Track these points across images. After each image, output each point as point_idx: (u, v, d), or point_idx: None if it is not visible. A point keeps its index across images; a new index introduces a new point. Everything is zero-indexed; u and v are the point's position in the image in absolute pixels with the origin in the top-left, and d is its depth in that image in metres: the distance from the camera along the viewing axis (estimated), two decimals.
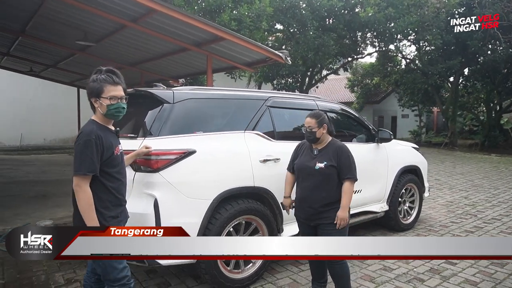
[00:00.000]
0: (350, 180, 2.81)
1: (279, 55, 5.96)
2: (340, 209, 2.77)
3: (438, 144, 19.12)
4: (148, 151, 2.74)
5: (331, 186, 2.82)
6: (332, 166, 2.82)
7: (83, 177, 2.06)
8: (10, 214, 5.12)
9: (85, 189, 2.07)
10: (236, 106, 3.47)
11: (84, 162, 2.06)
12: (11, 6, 5.98)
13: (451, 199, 6.98)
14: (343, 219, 2.76)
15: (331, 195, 2.82)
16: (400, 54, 19.19)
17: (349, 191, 2.80)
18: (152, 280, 3.41)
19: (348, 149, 2.90)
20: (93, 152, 2.07)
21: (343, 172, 2.81)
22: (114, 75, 2.20)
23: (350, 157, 2.85)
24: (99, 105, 2.17)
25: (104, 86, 2.15)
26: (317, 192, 2.83)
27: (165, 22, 5.32)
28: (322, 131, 2.87)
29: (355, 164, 2.88)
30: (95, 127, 2.15)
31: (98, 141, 2.10)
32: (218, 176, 3.06)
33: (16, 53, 9.47)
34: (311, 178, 2.87)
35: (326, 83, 29.13)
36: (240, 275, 3.24)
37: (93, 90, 2.16)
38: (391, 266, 3.78)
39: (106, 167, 2.17)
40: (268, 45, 15.57)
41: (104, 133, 2.18)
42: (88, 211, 2.08)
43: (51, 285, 3.22)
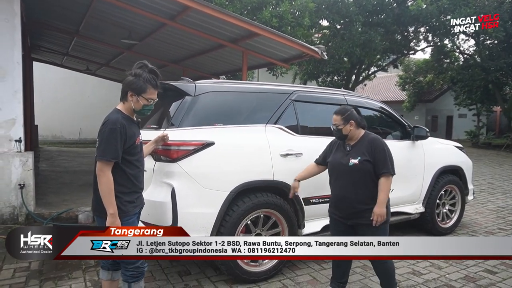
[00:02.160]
0: (386, 175, 2.65)
1: (315, 50, 5.85)
2: (376, 205, 2.63)
3: (498, 146, 17.58)
4: (164, 135, 2.81)
5: (368, 182, 2.69)
6: (366, 161, 2.68)
7: (106, 163, 2.18)
8: (59, 200, 5.57)
9: (107, 174, 2.19)
10: (258, 99, 3.47)
11: (109, 149, 2.17)
12: (65, 8, 6.50)
13: (503, 205, 6.40)
14: (379, 215, 2.61)
15: (369, 193, 2.67)
16: (457, 49, 17.92)
17: (385, 187, 2.65)
18: (174, 268, 3.52)
19: (383, 141, 2.76)
20: (117, 139, 2.18)
21: (378, 167, 2.66)
22: (157, 78, 2.31)
23: (385, 150, 2.69)
24: (135, 101, 2.27)
25: (148, 87, 2.25)
26: (354, 190, 2.71)
27: (200, 19, 5.45)
28: (349, 128, 2.77)
29: (391, 157, 2.72)
30: (120, 116, 2.26)
31: (122, 130, 2.21)
32: (236, 168, 3.08)
33: (73, 53, 10.28)
34: (346, 176, 2.75)
35: (375, 81, 28.08)
36: (257, 268, 3.25)
37: (136, 86, 2.24)
38: (420, 271, 3.57)
39: (127, 155, 2.28)
40: (314, 42, 15.35)
41: (128, 122, 2.29)
42: (109, 196, 2.19)
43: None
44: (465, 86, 18.40)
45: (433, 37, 16.64)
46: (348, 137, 2.82)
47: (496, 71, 15.93)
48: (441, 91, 24.35)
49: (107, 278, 2.48)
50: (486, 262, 3.78)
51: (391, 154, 2.73)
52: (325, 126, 3.95)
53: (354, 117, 2.79)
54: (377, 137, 2.78)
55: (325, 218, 3.68)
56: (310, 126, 3.76)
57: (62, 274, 3.30)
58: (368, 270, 3.51)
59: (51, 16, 7.21)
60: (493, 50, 16.00)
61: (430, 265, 3.70)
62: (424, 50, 19.14)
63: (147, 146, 2.78)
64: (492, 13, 12.96)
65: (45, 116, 15.39)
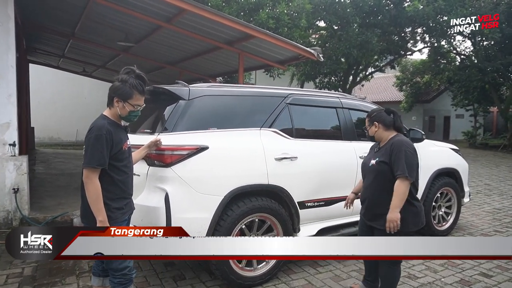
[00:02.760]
0: (401, 178, 2.50)
1: (311, 52, 5.85)
2: (389, 210, 2.51)
3: (495, 147, 17.64)
4: (157, 140, 2.78)
5: (384, 185, 2.60)
6: (383, 162, 2.61)
7: (93, 170, 2.16)
8: (55, 203, 5.53)
9: (94, 181, 2.16)
10: (252, 103, 3.45)
11: (95, 156, 2.15)
12: (61, 10, 6.47)
13: (500, 206, 6.41)
14: (392, 221, 2.49)
15: (384, 196, 2.57)
16: (454, 50, 17.96)
17: (399, 191, 2.50)
18: (169, 273, 3.50)
19: (406, 143, 2.60)
20: (103, 146, 2.16)
21: (394, 168, 2.55)
22: (144, 84, 2.27)
23: (402, 152, 2.53)
24: (121, 107, 2.24)
25: (134, 93, 2.22)
26: (372, 191, 2.70)
27: (196, 21, 5.44)
28: (374, 129, 2.77)
29: (411, 161, 2.55)
30: (106, 122, 2.23)
31: (108, 136, 2.18)
32: (230, 172, 3.06)
33: (69, 55, 10.24)
34: (368, 177, 2.77)
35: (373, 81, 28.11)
36: (252, 273, 3.23)
37: (122, 92, 2.22)
38: (416, 274, 3.56)
39: (114, 161, 2.25)
40: (312, 43, 15.35)
41: (114, 128, 2.26)
42: (96, 202, 2.16)
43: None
44: (462, 87, 18.45)
45: (430, 38, 16.66)
46: (377, 138, 2.80)
47: (493, 72, 15.98)
48: (439, 92, 24.42)
49: (98, 285, 2.47)
50: (481, 265, 3.78)
51: (411, 158, 2.56)
52: (320, 129, 3.98)
53: (380, 119, 2.74)
54: (400, 140, 2.64)
55: (321, 222, 3.71)
56: (305, 129, 3.76)
57: (55, 280, 3.28)
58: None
59: (47, 18, 7.19)
60: (489, 51, 16.05)
61: (426, 269, 3.70)
62: (421, 51, 19.07)
63: (140, 150, 2.75)
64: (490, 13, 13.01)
65: (42, 118, 15.34)
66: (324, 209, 3.67)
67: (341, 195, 3.77)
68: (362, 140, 4.05)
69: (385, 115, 2.76)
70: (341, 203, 3.76)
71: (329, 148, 3.73)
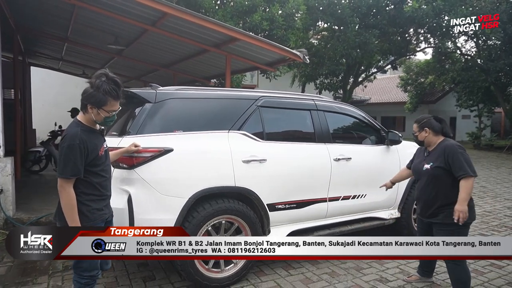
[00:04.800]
0: (465, 177, 2.78)
1: (297, 54, 5.85)
2: (457, 202, 2.77)
3: (501, 148, 17.35)
4: (137, 149, 2.81)
5: (442, 186, 2.88)
6: (438, 167, 2.88)
7: (66, 180, 2.12)
8: (42, 204, 5.62)
9: (68, 191, 2.13)
10: (221, 106, 3.47)
11: (68, 166, 2.10)
12: (52, 14, 6.59)
13: (491, 209, 6.32)
14: (460, 212, 2.74)
15: (443, 196, 2.87)
16: (458, 50, 17.72)
17: (466, 186, 2.77)
18: (140, 273, 3.54)
19: (457, 146, 2.89)
20: (76, 156, 2.11)
21: (455, 171, 2.81)
22: (118, 89, 2.19)
23: (458, 154, 2.82)
24: (95, 114, 2.18)
25: (108, 100, 2.15)
26: (427, 191, 2.96)
27: (181, 24, 5.49)
28: (424, 135, 3.02)
29: (468, 160, 2.84)
30: (79, 130, 2.17)
31: (82, 145, 2.13)
32: (195, 175, 3.09)
33: (67, 58, 10.41)
34: (422, 179, 3.03)
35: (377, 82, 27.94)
36: (219, 274, 3.25)
37: (96, 100, 2.14)
38: (388, 278, 3.54)
39: (91, 167, 2.23)
40: (312, 44, 15.31)
41: (89, 135, 2.21)
42: (71, 212, 2.14)
43: None
44: (466, 87, 18.20)
45: (433, 39, 16.48)
46: (426, 143, 3.05)
47: (496, 72, 15.73)
48: (444, 92, 24.12)
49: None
50: (477, 263, 3.79)
51: (467, 157, 2.87)
52: (292, 132, 3.98)
53: (430, 125, 3.00)
54: (450, 144, 2.92)
55: (292, 224, 3.71)
56: (277, 132, 3.76)
57: (27, 280, 3.34)
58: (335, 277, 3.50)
59: (40, 22, 7.32)
60: (492, 51, 15.82)
61: (398, 272, 3.67)
62: (425, 52, 18.87)
63: (116, 154, 2.74)
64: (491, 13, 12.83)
65: (45, 120, 15.53)
66: (296, 211, 3.66)
67: (314, 198, 3.78)
68: (338, 143, 4.06)
69: (434, 122, 3.03)
70: (314, 206, 3.80)
71: (301, 150, 3.73)
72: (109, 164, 2.45)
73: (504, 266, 3.78)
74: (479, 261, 3.87)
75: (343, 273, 3.60)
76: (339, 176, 3.88)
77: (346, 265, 3.78)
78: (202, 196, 3.09)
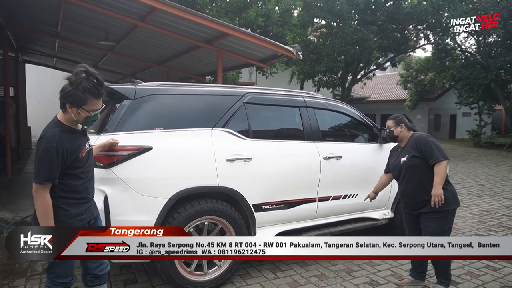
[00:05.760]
0: (438, 162, 2.92)
1: (290, 50, 5.71)
2: (433, 187, 2.90)
3: (501, 146, 17.21)
4: (113, 143, 2.68)
5: (421, 175, 3.00)
6: (413, 156, 3.02)
7: (41, 185, 1.99)
8: (29, 203, 5.51)
9: (43, 196, 2.00)
10: (204, 102, 3.34)
11: (42, 171, 1.97)
12: (40, 10, 6.46)
13: (488, 208, 6.18)
14: (436, 195, 2.87)
15: (427, 184, 2.95)
16: (458, 47, 17.53)
17: (440, 170, 2.91)
18: (122, 276, 3.43)
19: (426, 135, 3.10)
20: (52, 160, 1.97)
21: (428, 158, 2.96)
22: (100, 86, 2.02)
23: (429, 142, 3.00)
24: (75, 113, 2.02)
25: (89, 99, 1.99)
26: (410, 184, 3.08)
27: (170, 19, 5.36)
28: (399, 130, 3.19)
29: (438, 146, 3.00)
30: (58, 131, 2.02)
31: (59, 148, 1.98)
32: (175, 174, 2.96)
33: (61, 54, 10.28)
34: (402, 173, 3.13)
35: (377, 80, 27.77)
36: (202, 277, 3.13)
37: (74, 99, 1.97)
38: (378, 281, 3.41)
39: (70, 170, 2.08)
40: (311, 40, 15.16)
41: (69, 136, 2.05)
42: (46, 218, 2.02)
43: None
44: (467, 85, 18.04)
45: (433, 36, 16.29)
46: (399, 139, 3.21)
47: (496, 69, 15.57)
48: (444, 90, 23.94)
49: None
50: (471, 265, 3.70)
51: (437, 143, 3.03)
52: (280, 129, 3.85)
53: (404, 122, 3.21)
54: (420, 134, 3.13)
55: (280, 225, 3.59)
56: (264, 130, 3.63)
57: (3, 283, 3.23)
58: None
59: (30, 18, 7.20)
60: (492, 48, 15.65)
61: (389, 274, 3.55)
62: (425, 49, 18.67)
63: (93, 149, 2.55)
64: (490, 10, 12.66)
65: (42, 118, 15.30)
66: (283, 212, 3.54)
67: (303, 198, 3.66)
68: (328, 141, 3.93)
69: (406, 119, 3.26)
70: (303, 206, 3.67)
71: (289, 148, 3.60)
72: (91, 165, 2.29)
73: (499, 269, 3.65)
74: (474, 263, 3.76)
75: (333, 276, 3.48)
76: (329, 175, 3.76)
77: (336, 268, 3.66)
78: (183, 196, 2.97)
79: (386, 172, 3.43)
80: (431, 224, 2.97)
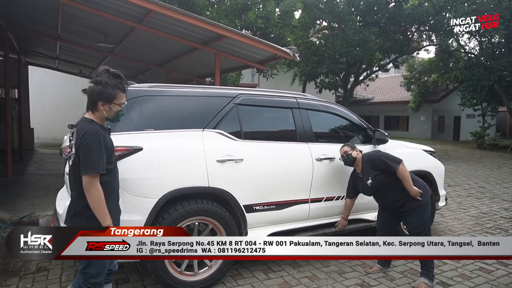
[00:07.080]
0: (396, 170, 3.22)
1: (286, 52, 5.72)
2: (408, 190, 3.23)
3: (505, 148, 17.08)
4: None
5: (391, 186, 3.28)
6: (376, 175, 3.32)
7: (95, 176, 2.09)
8: (27, 204, 5.56)
9: (97, 186, 2.11)
10: (196, 103, 3.36)
11: (97, 161, 2.10)
12: (40, 12, 6.53)
13: (487, 210, 6.14)
14: (414, 195, 3.22)
15: (398, 191, 3.26)
16: (462, 48, 17.44)
17: (402, 175, 3.22)
18: (114, 275, 3.39)
19: (373, 153, 3.48)
20: (102, 151, 2.13)
21: (387, 169, 3.26)
22: (123, 82, 2.25)
23: (379, 158, 3.34)
24: (107, 110, 2.21)
25: (117, 93, 2.21)
26: (385, 196, 3.38)
27: (167, 21, 5.39)
28: (356, 153, 3.49)
29: (387, 155, 3.38)
30: (98, 127, 2.19)
31: (104, 141, 2.16)
32: (165, 175, 2.99)
33: (63, 56, 10.38)
34: (375, 192, 3.41)
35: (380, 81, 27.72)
36: (192, 277, 3.14)
37: (106, 95, 2.18)
38: (370, 283, 3.41)
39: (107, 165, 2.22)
40: (313, 42, 15.14)
41: (105, 132, 2.25)
42: (102, 208, 2.12)
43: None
44: (470, 86, 17.93)
45: (436, 37, 16.23)
46: (356, 162, 3.48)
47: (499, 70, 15.46)
48: (448, 91, 23.85)
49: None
50: (464, 267, 3.69)
51: (386, 155, 3.39)
52: (272, 130, 3.86)
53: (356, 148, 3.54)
54: (369, 154, 3.47)
55: (271, 226, 3.59)
56: (256, 131, 3.64)
57: None
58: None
59: (30, 19, 7.27)
60: (495, 49, 15.55)
61: (408, 269, 3.63)
62: (428, 50, 18.63)
63: None
64: (491, 11, 12.58)
65: (45, 120, 15.63)
66: (275, 212, 3.54)
67: (295, 199, 3.66)
68: (320, 142, 3.93)
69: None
70: (295, 207, 3.67)
71: (281, 150, 3.60)
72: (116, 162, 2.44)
73: (493, 271, 3.63)
74: (467, 265, 3.74)
75: (324, 277, 3.48)
76: (321, 176, 3.76)
77: (328, 269, 3.65)
78: (173, 196, 2.99)
79: (351, 197, 3.68)
80: (412, 220, 3.27)
